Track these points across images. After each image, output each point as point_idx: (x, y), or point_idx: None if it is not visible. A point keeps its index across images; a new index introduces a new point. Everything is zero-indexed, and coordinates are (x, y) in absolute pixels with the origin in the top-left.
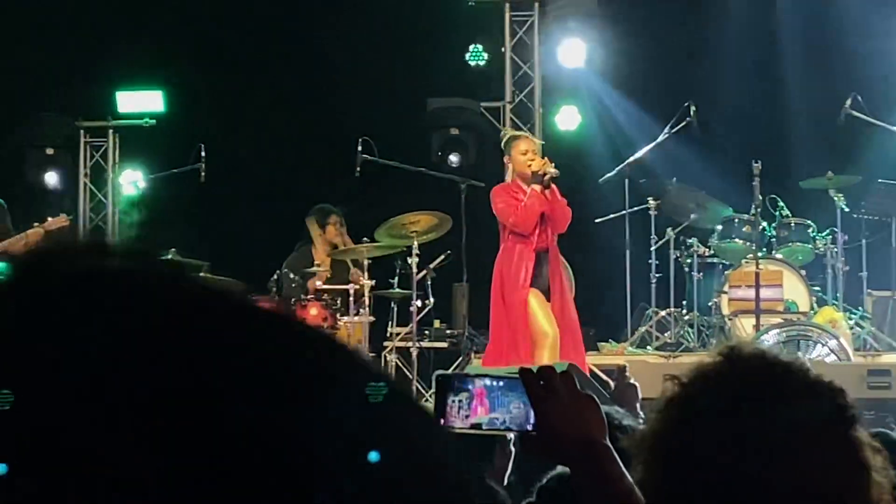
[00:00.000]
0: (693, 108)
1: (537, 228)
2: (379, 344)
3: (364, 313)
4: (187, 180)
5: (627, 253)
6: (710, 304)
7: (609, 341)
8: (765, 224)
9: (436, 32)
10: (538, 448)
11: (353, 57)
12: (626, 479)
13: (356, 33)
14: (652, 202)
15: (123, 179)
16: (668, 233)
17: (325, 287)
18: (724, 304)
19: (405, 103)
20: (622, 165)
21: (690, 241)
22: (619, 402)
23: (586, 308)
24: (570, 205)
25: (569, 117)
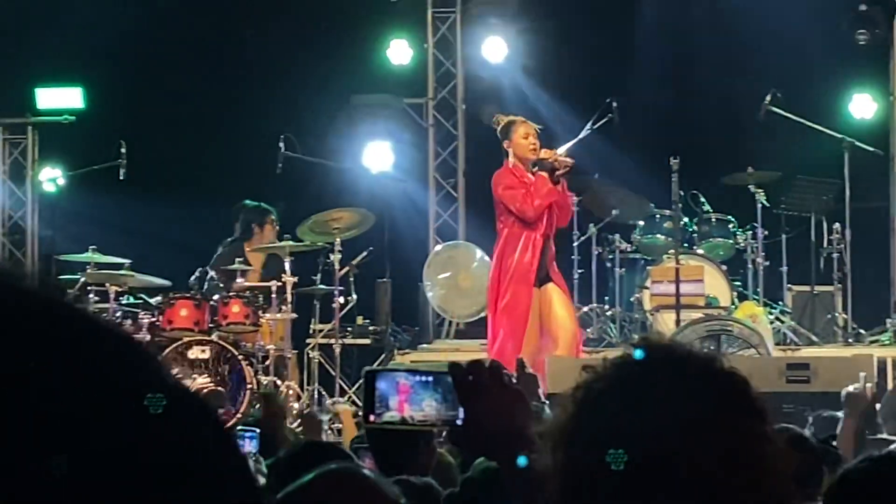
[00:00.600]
0: (614, 105)
1: (544, 216)
2: (301, 341)
3: (286, 310)
4: (107, 177)
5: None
6: (632, 299)
7: None
8: (686, 220)
9: (359, 29)
10: (466, 441)
11: (276, 53)
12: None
13: (279, 29)
14: (574, 198)
15: (43, 177)
16: (591, 229)
17: (247, 284)
18: (646, 299)
19: (329, 100)
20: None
21: (612, 236)
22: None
23: None
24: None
25: (491, 113)
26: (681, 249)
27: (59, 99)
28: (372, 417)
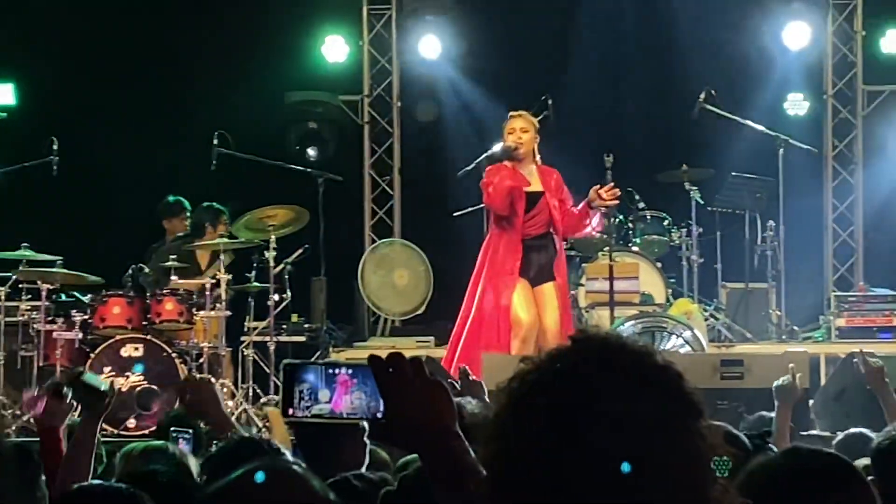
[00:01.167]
0: (550, 102)
1: (519, 213)
2: (236, 338)
3: (221, 308)
4: (40, 174)
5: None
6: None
7: None
8: (621, 217)
9: (294, 26)
10: (387, 435)
11: (210, 49)
12: (479, 466)
13: (213, 25)
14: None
15: None
16: None
17: (180, 282)
18: (582, 296)
19: (263, 96)
20: (480, 159)
21: None
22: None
23: (445, 301)
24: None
25: (427, 111)
26: (616, 247)
27: None
28: (291, 411)
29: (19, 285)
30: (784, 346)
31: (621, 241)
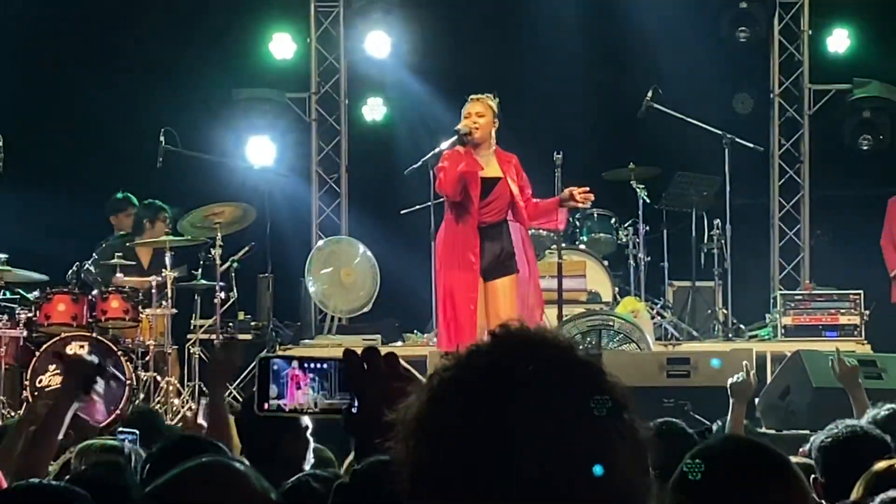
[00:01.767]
0: (497, 100)
1: (474, 199)
2: (182, 336)
3: (166, 305)
4: None
5: (432, 245)
6: None
7: (414, 332)
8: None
9: (241, 23)
10: (359, 429)
11: (157, 46)
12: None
13: (160, 21)
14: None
15: None
16: None
17: (126, 279)
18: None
19: (210, 94)
20: (427, 156)
21: None
22: None
23: (392, 299)
24: (375, 196)
25: (375, 108)
26: (563, 245)
27: None
28: (266, 405)
29: None
30: (730, 344)
31: (568, 240)
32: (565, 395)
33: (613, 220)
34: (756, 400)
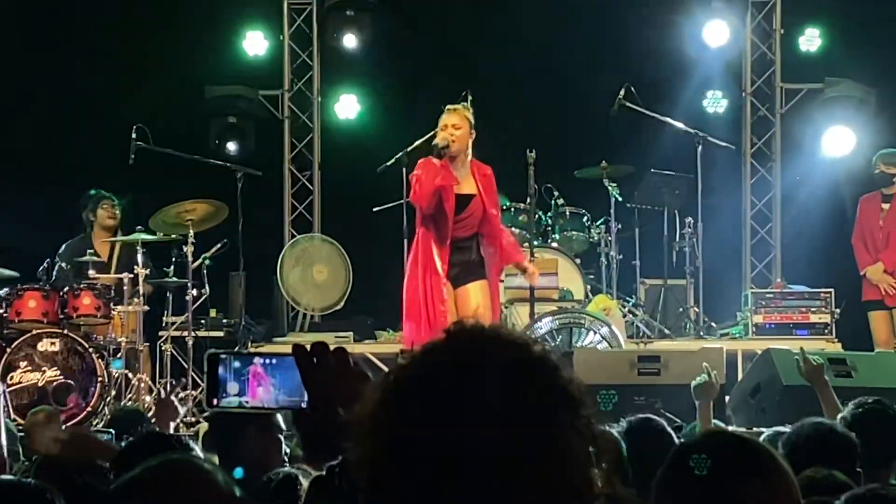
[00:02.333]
0: (470, 97)
1: (448, 214)
2: (154, 333)
3: (138, 302)
4: None
5: (405, 242)
6: None
7: (387, 330)
8: (540, 213)
9: (214, 19)
10: (311, 425)
11: (130, 42)
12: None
13: (133, 17)
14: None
15: None
16: None
17: (98, 276)
18: (501, 292)
19: (183, 90)
20: (400, 154)
21: None
22: None
23: (364, 297)
24: (347, 194)
25: (348, 106)
26: (535, 243)
27: None
28: (216, 401)
29: None
30: (701, 342)
31: (540, 238)
32: (520, 391)
33: (585, 219)
34: (726, 398)
